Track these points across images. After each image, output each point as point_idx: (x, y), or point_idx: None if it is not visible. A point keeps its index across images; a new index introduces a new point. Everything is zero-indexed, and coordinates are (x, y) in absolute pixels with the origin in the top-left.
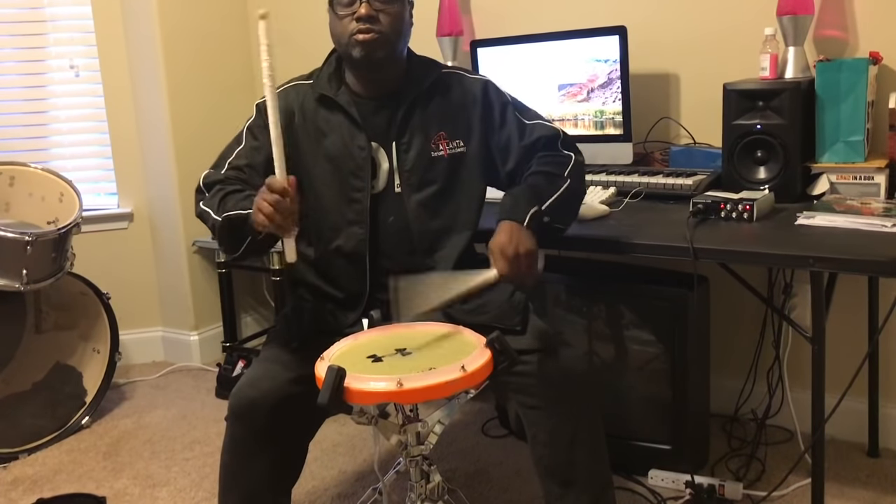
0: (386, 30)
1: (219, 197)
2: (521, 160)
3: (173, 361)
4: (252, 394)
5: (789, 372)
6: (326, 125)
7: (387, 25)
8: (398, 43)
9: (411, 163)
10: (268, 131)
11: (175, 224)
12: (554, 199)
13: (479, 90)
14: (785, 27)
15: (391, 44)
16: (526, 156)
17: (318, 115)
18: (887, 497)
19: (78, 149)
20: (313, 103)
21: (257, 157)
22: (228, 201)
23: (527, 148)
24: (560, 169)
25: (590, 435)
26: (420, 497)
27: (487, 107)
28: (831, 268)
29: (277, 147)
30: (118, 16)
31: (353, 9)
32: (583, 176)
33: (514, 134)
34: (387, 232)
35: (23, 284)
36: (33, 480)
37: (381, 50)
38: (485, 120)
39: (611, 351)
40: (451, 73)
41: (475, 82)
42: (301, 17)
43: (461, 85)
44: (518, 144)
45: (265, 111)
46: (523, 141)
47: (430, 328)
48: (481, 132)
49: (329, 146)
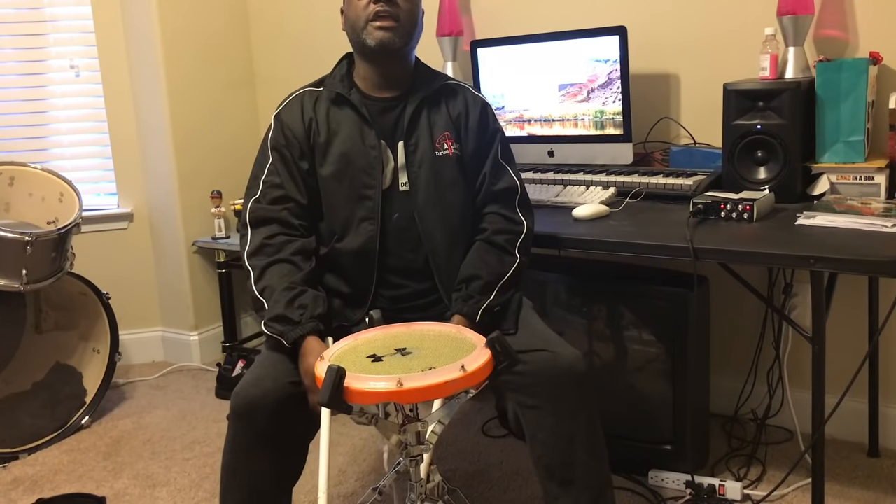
0: (403, 18)
1: (263, 263)
2: (484, 199)
3: (173, 361)
4: (254, 393)
5: (789, 372)
6: (338, 124)
7: (404, 14)
8: (413, 35)
9: (418, 162)
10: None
11: (175, 224)
12: (503, 282)
13: (480, 107)
14: (785, 27)
15: (407, 34)
16: (489, 197)
17: (329, 114)
18: (887, 497)
19: (78, 149)
20: (325, 104)
21: (291, 169)
22: (273, 289)
23: (492, 193)
24: (511, 243)
25: (589, 434)
26: (420, 497)
27: (484, 124)
28: (831, 268)
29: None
30: (118, 16)
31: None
32: (531, 245)
33: (489, 168)
34: (392, 229)
35: (23, 284)
36: (33, 480)
37: (398, 39)
38: (479, 135)
39: (611, 351)
40: (458, 85)
41: (477, 98)
42: (301, 17)
43: (465, 96)
44: (487, 182)
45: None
46: (494, 185)
47: (431, 328)
48: (475, 143)
49: (340, 144)
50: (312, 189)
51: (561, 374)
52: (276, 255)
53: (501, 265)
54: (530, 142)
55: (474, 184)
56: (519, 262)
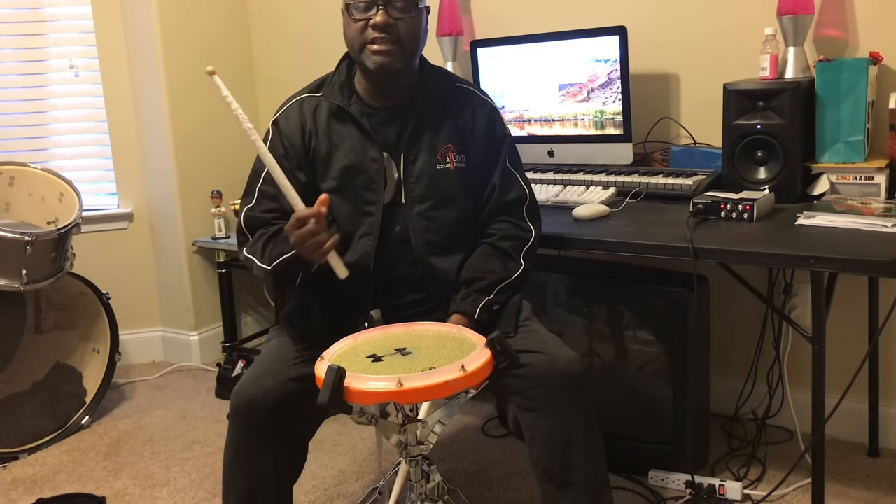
0: (404, 39)
1: (261, 243)
2: (493, 209)
3: (173, 361)
4: (254, 391)
5: (789, 372)
6: (339, 137)
7: (405, 34)
8: (415, 53)
9: (417, 175)
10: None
11: (175, 224)
12: (504, 285)
13: (487, 113)
14: (785, 27)
15: (408, 55)
16: (499, 208)
17: (330, 126)
18: (887, 497)
19: (78, 149)
20: (325, 114)
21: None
22: (272, 248)
23: (502, 204)
24: (517, 250)
25: (586, 436)
26: (420, 497)
27: (491, 131)
28: (831, 268)
29: (283, 182)
30: (118, 16)
31: (369, 15)
32: (536, 252)
33: (499, 178)
34: (394, 243)
35: (23, 284)
36: (33, 480)
37: (399, 62)
38: (487, 143)
39: (611, 351)
40: (464, 88)
41: (485, 103)
42: (301, 18)
43: (471, 102)
44: (497, 193)
45: (283, 132)
46: (504, 196)
47: (431, 328)
48: (482, 152)
49: (342, 158)
50: (309, 201)
51: (557, 377)
52: (268, 232)
53: (505, 270)
54: (530, 142)
55: (481, 195)
56: (523, 269)
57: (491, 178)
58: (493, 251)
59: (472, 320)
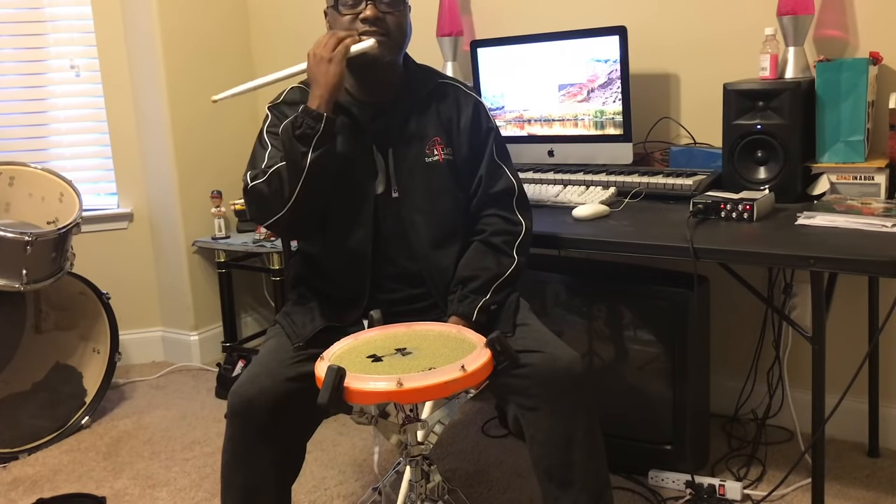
0: (392, 32)
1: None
2: (481, 202)
3: (173, 361)
4: (251, 391)
5: (789, 372)
6: None
7: (393, 27)
8: (402, 46)
9: (407, 169)
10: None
11: (175, 224)
12: (499, 282)
13: (472, 107)
14: (785, 27)
15: (396, 47)
16: (486, 200)
17: None
18: (887, 497)
19: (78, 149)
20: None
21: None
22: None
23: (489, 196)
24: (509, 245)
25: (587, 436)
26: (420, 497)
27: (476, 124)
28: (831, 268)
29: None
30: (118, 16)
31: (357, 10)
32: (529, 246)
33: (485, 171)
34: (386, 236)
35: (23, 284)
36: (33, 480)
37: (389, 53)
38: (471, 135)
39: (611, 351)
40: (448, 84)
41: (469, 97)
42: (300, 15)
43: (456, 96)
44: (484, 185)
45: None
46: (491, 188)
47: (431, 328)
48: (468, 145)
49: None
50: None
51: (558, 376)
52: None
53: (499, 266)
54: (530, 142)
55: (469, 188)
56: (517, 263)
57: (477, 171)
58: (486, 248)
59: (470, 322)
